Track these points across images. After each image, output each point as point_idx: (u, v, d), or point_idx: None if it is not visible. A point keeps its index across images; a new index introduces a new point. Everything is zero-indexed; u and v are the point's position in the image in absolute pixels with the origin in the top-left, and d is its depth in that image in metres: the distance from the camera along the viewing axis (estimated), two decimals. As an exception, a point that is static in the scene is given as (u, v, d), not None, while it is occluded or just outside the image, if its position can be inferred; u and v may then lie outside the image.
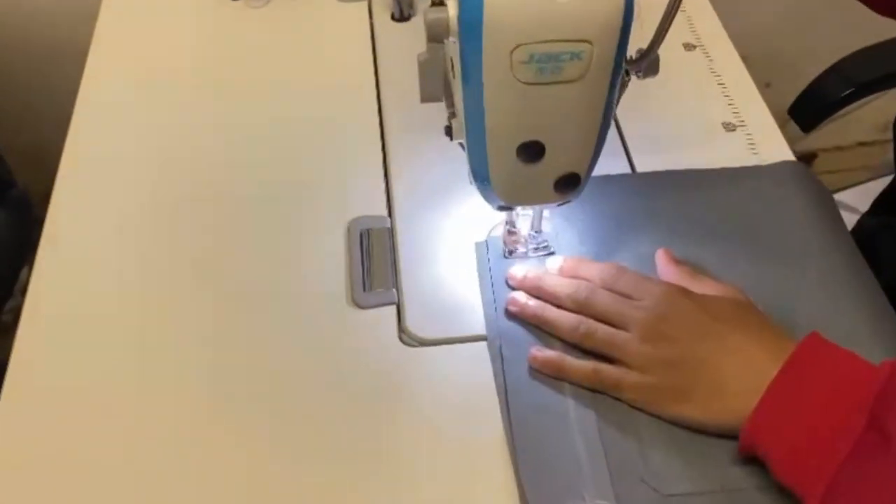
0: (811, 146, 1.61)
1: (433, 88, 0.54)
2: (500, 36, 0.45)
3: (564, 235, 0.65)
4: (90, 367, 0.59)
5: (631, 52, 0.50)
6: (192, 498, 0.52)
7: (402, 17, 0.85)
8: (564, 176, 0.53)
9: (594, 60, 0.46)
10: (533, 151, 0.51)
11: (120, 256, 0.65)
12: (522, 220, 0.63)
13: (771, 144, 0.73)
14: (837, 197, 0.70)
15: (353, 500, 0.52)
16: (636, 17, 0.47)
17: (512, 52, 0.46)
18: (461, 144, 0.56)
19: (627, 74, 0.52)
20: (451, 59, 0.52)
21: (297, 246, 0.66)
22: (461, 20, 0.46)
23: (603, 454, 0.53)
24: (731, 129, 0.74)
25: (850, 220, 0.91)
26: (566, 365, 0.56)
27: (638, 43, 0.50)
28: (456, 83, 0.52)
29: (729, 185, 0.68)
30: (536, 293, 0.60)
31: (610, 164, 0.69)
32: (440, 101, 0.56)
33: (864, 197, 1.18)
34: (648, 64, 0.52)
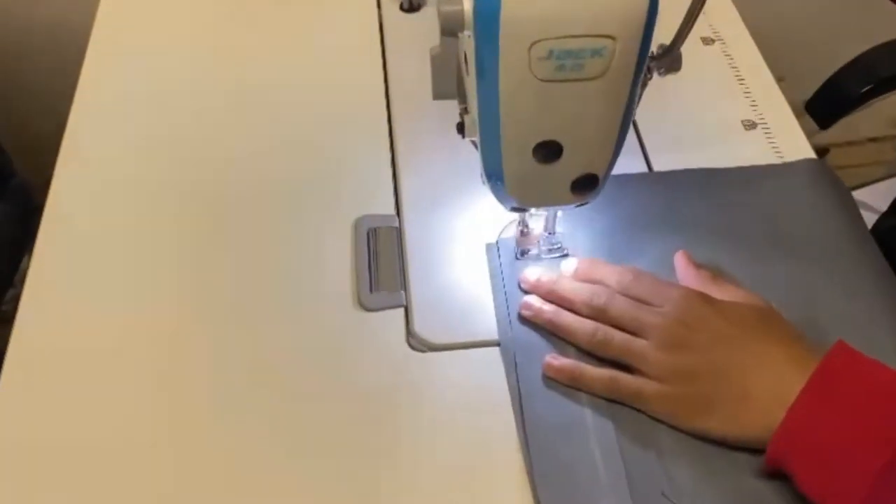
0: (821, 141, 1.59)
1: (446, 85, 0.52)
2: (517, 31, 0.43)
3: (579, 236, 0.63)
4: (88, 358, 0.57)
5: (651, 47, 0.48)
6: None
7: (411, 7, 0.82)
8: (582, 177, 0.51)
9: (616, 57, 0.44)
10: (550, 151, 0.49)
11: (119, 248, 0.64)
12: (535, 220, 0.61)
13: (791, 142, 0.70)
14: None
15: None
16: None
17: (530, 47, 0.43)
18: (473, 142, 0.54)
19: (649, 72, 0.50)
20: (464, 53, 0.50)
21: (300, 244, 0.64)
22: (477, 13, 0.44)
23: (622, 466, 0.51)
24: (750, 126, 0.71)
25: (867, 219, 0.88)
26: (582, 374, 0.54)
27: (657, 38, 0.48)
28: (470, 79, 0.49)
29: (749, 184, 0.67)
30: (550, 297, 0.58)
31: (626, 162, 0.67)
32: (453, 98, 0.53)
33: (876, 195, 1.16)
34: (671, 61, 0.50)
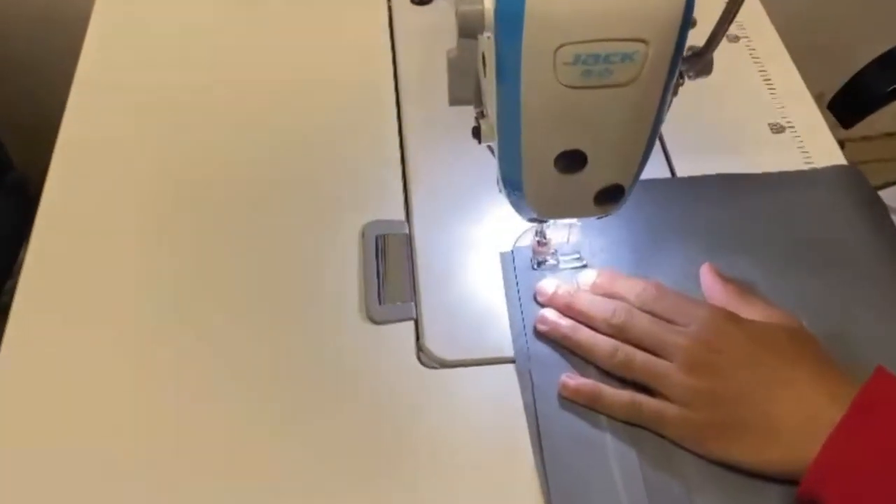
0: (837, 136, 1.55)
1: (464, 90, 0.48)
2: (542, 33, 0.40)
3: (598, 246, 0.60)
4: (85, 350, 0.55)
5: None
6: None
7: (422, -1, 0.79)
8: (607, 188, 0.48)
9: (648, 62, 0.41)
10: (573, 161, 0.46)
11: (117, 243, 0.61)
12: (552, 228, 0.58)
13: (821, 147, 0.67)
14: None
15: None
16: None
17: (555, 51, 0.40)
18: (490, 148, 0.51)
19: (681, 76, 0.46)
20: (482, 54, 0.47)
21: (304, 251, 0.61)
22: (499, 13, 0.40)
23: (645, 494, 0.48)
24: (778, 130, 0.68)
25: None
26: (601, 395, 0.51)
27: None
28: (488, 82, 0.46)
29: (778, 191, 0.64)
30: (567, 312, 0.55)
31: (648, 168, 0.63)
32: (471, 104, 0.50)
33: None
34: (703, 65, 0.47)
